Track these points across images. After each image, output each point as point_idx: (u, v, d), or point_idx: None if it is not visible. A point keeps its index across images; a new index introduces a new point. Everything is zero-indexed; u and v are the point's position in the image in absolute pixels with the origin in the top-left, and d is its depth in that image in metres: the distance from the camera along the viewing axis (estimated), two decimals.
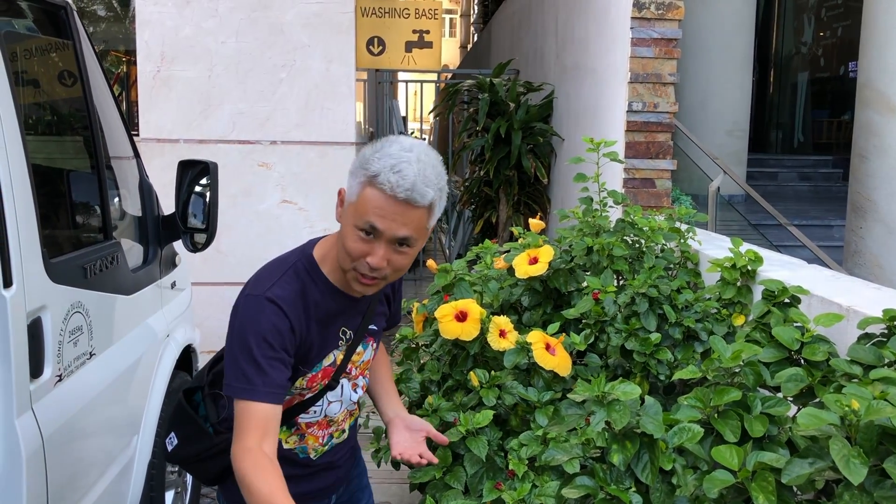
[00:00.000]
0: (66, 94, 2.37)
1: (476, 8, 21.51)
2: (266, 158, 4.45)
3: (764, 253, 2.82)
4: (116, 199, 2.52)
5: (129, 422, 2.47)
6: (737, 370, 1.96)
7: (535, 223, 3.05)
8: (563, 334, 2.56)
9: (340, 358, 1.64)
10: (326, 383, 1.63)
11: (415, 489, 2.64)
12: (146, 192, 2.74)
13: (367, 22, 6.03)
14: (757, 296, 2.52)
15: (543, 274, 2.77)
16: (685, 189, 5.94)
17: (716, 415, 1.82)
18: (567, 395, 1.84)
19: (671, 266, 2.98)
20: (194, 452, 1.71)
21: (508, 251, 2.95)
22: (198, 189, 2.63)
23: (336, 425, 1.73)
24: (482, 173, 6.28)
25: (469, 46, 20.36)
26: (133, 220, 2.64)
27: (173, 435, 1.77)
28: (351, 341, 1.65)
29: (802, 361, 2.06)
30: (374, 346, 1.75)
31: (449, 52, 24.40)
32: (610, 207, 3.11)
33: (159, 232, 2.75)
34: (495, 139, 5.98)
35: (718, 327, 2.53)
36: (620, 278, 2.85)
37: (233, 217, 4.32)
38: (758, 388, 1.99)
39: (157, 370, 2.67)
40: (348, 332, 1.64)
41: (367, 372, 1.78)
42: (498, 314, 2.65)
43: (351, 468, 1.88)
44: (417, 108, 14.37)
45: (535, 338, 2.43)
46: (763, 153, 11.30)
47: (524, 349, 2.46)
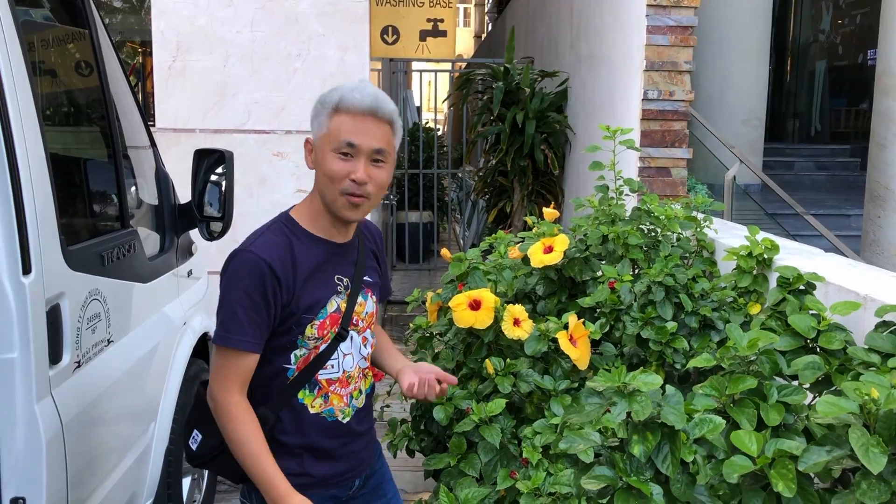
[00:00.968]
0: (83, 84, 2.39)
1: None
2: (281, 148, 4.46)
3: (780, 241, 2.80)
4: (133, 188, 2.54)
5: (147, 408, 2.49)
6: (753, 358, 1.95)
7: (549, 212, 3.04)
8: (582, 321, 2.56)
9: (343, 305, 1.73)
10: (337, 332, 1.72)
11: (429, 476, 2.65)
12: (162, 181, 2.75)
13: (382, 11, 6.02)
14: (773, 284, 2.50)
15: (558, 263, 2.77)
16: (701, 178, 5.89)
17: (731, 403, 1.82)
18: (586, 383, 1.84)
19: (687, 255, 2.97)
20: (218, 442, 1.72)
21: (523, 240, 2.94)
22: (213, 178, 2.64)
23: (354, 383, 1.79)
24: (496, 162, 6.26)
25: (483, 36, 20.29)
26: (149, 209, 2.66)
27: (196, 432, 1.78)
28: (350, 289, 1.74)
29: (818, 350, 2.05)
30: (375, 300, 1.84)
31: (463, 42, 24.32)
32: (626, 196, 3.09)
33: (175, 220, 2.77)
34: (511, 128, 5.96)
35: (734, 316, 2.52)
36: (636, 267, 2.84)
37: (248, 207, 4.34)
38: (774, 377, 1.98)
39: (175, 358, 2.69)
40: (345, 280, 1.74)
41: (373, 326, 1.86)
42: (512, 303, 2.65)
43: (374, 453, 1.92)
44: (431, 99, 14.34)
45: (572, 322, 2.41)
46: (780, 142, 11.20)
47: (545, 336, 2.46)
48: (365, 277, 1.80)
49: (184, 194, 2.77)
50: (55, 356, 1.81)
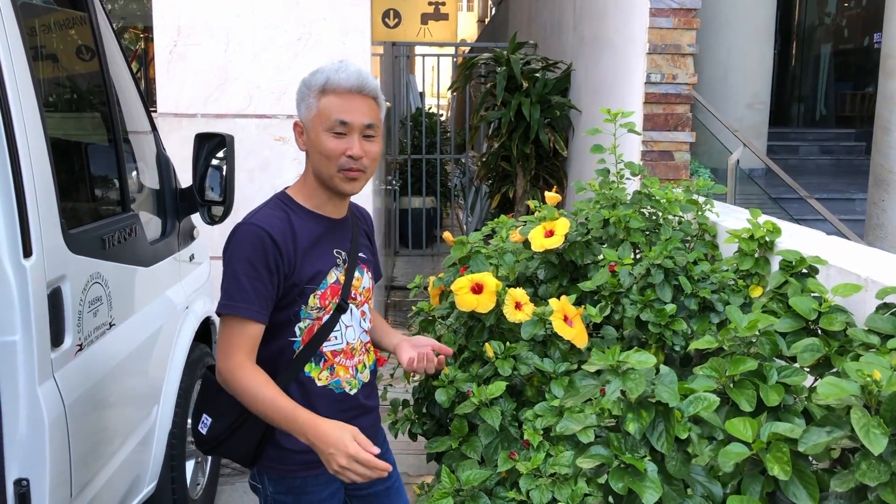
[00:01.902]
0: (83, 67, 2.38)
1: None
2: (283, 132, 4.45)
3: (782, 225, 2.80)
4: (134, 172, 2.54)
5: (150, 392, 2.50)
6: (753, 340, 1.96)
7: (552, 196, 3.04)
8: (583, 306, 2.56)
9: (342, 278, 1.78)
10: (337, 303, 1.77)
11: (431, 459, 2.67)
12: (163, 166, 2.75)
13: None
14: (775, 267, 2.50)
15: (559, 247, 2.77)
16: (704, 162, 5.88)
17: (731, 384, 1.82)
18: (582, 367, 1.85)
19: (688, 238, 2.96)
20: (228, 423, 1.74)
21: (524, 224, 2.94)
22: (215, 162, 2.64)
23: (358, 355, 1.84)
24: (499, 147, 6.24)
25: (487, 20, 20.19)
26: (151, 193, 2.66)
27: (205, 416, 1.79)
28: (347, 264, 1.81)
29: (819, 331, 2.05)
30: (370, 276, 1.91)
31: (466, 27, 24.18)
32: (627, 179, 3.09)
33: (177, 205, 2.77)
34: (514, 114, 5.94)
35: (735, 298, 2.52)
36: (637, 251, 2.84)
37: (251, 192, 4.32)
38: (774, 358, 1.98)
39: (177, 342, 2.70)
40: (343, 254, 1.80)
41: (371, 302, 1.93)
42: (514, 287, 2.65)
43: (380, 438, 1.94)
44: (435, 84, 14.30)
45: (557, 305, 2.43)
46: (784, 126, 11.15)
47: (542, 320, 2.46)
48: (360, 254, 1.86)
49: (185, 179, 2.77)
50: (57, 339, 1.82)
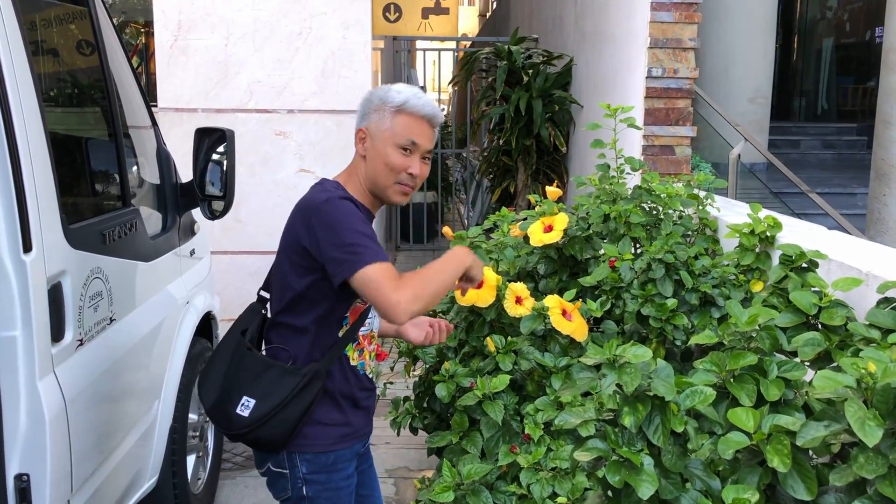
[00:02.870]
0: (83, 62, 2.38)
1: None
2: (283, 127, 4.44)
3: (783, 219, 2.79)
4: (134, 167, 2.54)
5: (151, 387, 2.50)
6: (753, 334, 1.95)
7: (552, 191, 3.03)
8: (580, 300, 2.56)
9: None
10: None
11: (432, 454, 2.67)
12: (164, 161, 2.75)
13: None
14: (776, 262, 2.50)
15: (559, 242, 2.77)
16: (706, 157, 5.86)
17: (731, 379, 1.82)
18: (579, 360, 1.85)
19: (689, 233, 2.96)
20: (276, 402, 1.72)
21: (525, 219, 2.94)
22: (215, 157, 2.64)
23: (373, 342, 1.95)
24: (501, 142, 6.24)
25: (488, 15, 20.15)
26: (151, 188, 2.66)
27: (246, 398, 1.75)
28: None
29: (820, 326, 2.05)
30: None
31: (467, 21, 24.11)
32: (627, 174, 3.08)
33: (178, 199, 2.77)
34: (515, 109, 5.93)
35: (735, 293, 2.51)
36: (638, 245, 2.84)
37: (251, 186, 4.33)
38: (774, 353, 1.98)
39: (178, 336, 2.70)
40: None
41: None
42: (514, 281, 2.65)
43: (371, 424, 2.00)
44: (435, 78, 14.29)
45: (553, 302, 2.43)
46: (786, 121, 11.13)
47: (541, 315, 2.47)
48: None
49: (186, 174, 2.77)
50: (57, 334, 1.83)
